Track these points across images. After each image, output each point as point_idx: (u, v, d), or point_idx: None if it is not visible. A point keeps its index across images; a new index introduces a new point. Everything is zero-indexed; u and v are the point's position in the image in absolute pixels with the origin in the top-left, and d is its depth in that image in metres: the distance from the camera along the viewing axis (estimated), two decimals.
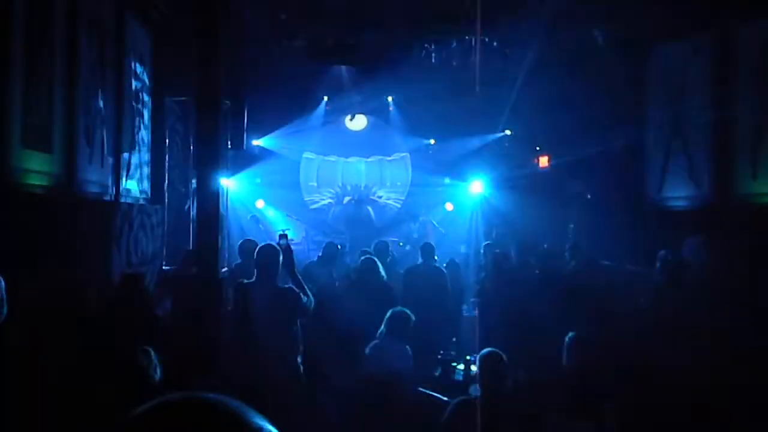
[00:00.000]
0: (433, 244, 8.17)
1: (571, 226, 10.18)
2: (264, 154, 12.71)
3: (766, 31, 8.05)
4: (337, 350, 5.11)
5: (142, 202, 8.69)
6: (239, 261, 7.27)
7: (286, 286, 4.69)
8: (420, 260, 7.19)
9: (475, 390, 3.59)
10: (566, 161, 11.80)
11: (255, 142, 12.09)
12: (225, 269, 7.98)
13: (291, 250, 4.80)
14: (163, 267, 8.61)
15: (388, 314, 4.99)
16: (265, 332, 4.25)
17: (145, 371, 3.56)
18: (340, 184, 14.47)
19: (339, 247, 7.64)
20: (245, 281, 4.80)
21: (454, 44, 10.72)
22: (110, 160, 7.84)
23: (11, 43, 5.42)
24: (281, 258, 4.69)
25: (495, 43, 10.82)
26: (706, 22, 8.87)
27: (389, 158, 14.59)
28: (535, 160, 12.86)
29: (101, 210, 7.22)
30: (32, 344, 4.15)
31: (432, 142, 13.96)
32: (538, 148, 12.86)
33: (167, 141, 9.23)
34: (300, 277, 4.78)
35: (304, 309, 4.59)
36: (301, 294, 4.59)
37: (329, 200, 14.47)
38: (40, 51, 6.12)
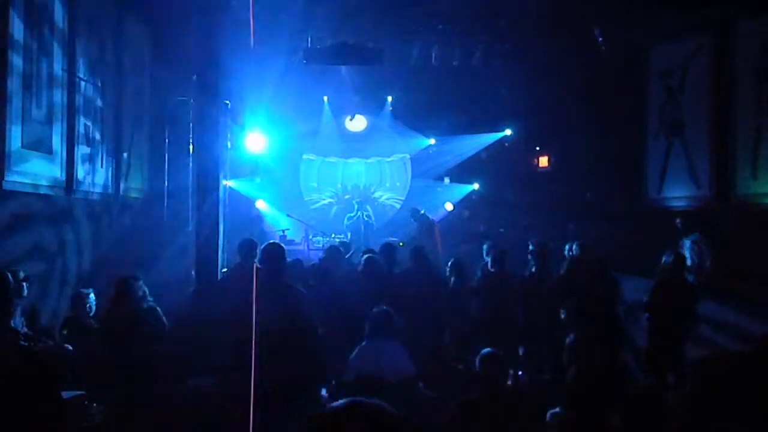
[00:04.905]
0: (438, 243, 8.00)
1: (571, 226, 10.16)
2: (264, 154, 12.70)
3: (765, 30, 8.05)
4: (344, 348, 5.06)
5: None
6: (239, 261, 7.24)
7: (292, 284, 4.66)
8: (410, 263, 7.05)
9: None
10: (566, 160, 11.81)
11: (255, 143, 12.07)
12: (225, 269, 7.96)
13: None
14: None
15: (370, 315, 4.90)
16: (272, 330, 4.22)
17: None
18: (340, 185, 14.50)
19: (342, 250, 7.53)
20: (247, 280, 4.76)
21: (455, 44, 10.72)
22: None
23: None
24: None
25: (495, 44, 10.81)
26: (706, 22, 8.87)
27: (389, 159, 14.61)
28: (535, 160, 12.85)
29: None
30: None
31: (432, 142, 13.96)
32: (538, 148, 12.85)
33: (167, 140, 9.23)
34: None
35: (307, 308, 4.57)
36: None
37: (329, 200, 14.49)
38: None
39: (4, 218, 5.74)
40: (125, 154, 8.41)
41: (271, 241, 5.11)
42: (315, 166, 14.50)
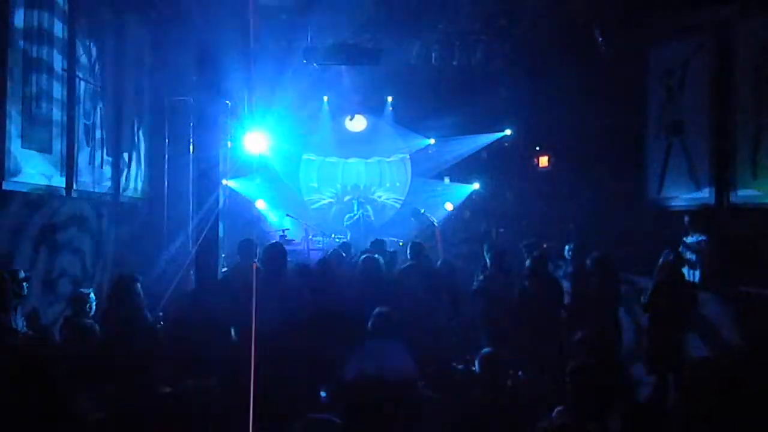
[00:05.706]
0: (438, 243, 7.99)
1: (571, 226, 10.16)
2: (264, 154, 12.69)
3: (765, 30, 8.05)
4: (344, 348, 5.05)
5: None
6: (238, 261, 7.24)
7: (290, 285, 4.67)
8: (410, 260, 7.02)
9: None
10: (566, 160, 11.80)
11: (255, 143, 12.08)
12: (225, 269, 7.96)
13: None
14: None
15: (372, 315, 4.89)
16: (274, 331, 4.21)
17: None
18: (340, 185, 14.51)
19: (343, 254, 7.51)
20: (247, 280, 4.77)
21: (455, 44, 10.72)
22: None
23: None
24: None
25: (495, 44, 10.81)
26: (706, 22, 8.87)
27: (389, 159, 14.62)
28: (535, 160, 12.85)
29: None
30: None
31: (432, 142, 13.97)
32: (538, 148, 12.85)
33: (167, 140, 9.23)
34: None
35: (305, 308, 4.58)
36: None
37: (329, 200, 14.50)
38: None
39: (3, 219, 5.74)
40: (125, 154, 8.40)
41: (272, 241, 5.12)
42: (315, 166, 14.51)
